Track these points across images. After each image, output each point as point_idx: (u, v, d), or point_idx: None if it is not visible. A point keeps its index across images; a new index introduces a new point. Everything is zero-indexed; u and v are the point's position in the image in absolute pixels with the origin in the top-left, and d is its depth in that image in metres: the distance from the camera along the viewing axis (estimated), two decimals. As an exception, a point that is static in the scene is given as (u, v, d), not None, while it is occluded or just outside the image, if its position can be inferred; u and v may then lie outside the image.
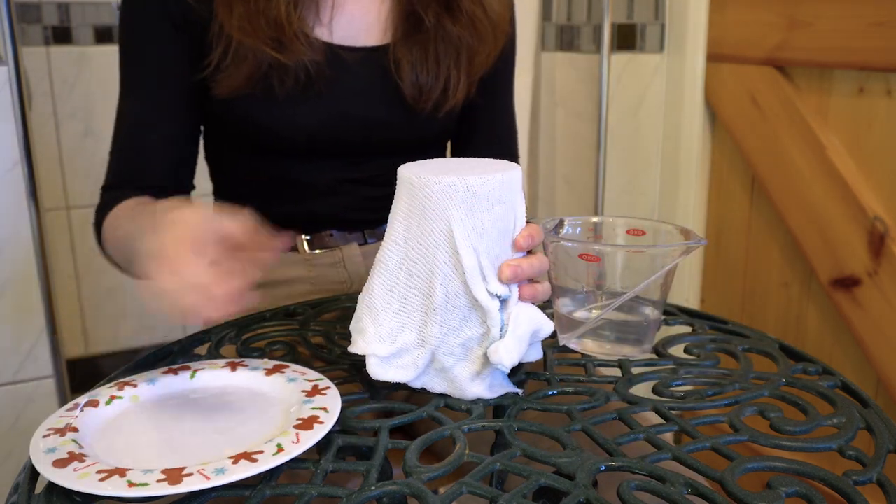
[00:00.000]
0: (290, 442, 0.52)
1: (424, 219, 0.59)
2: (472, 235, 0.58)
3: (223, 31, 0.82)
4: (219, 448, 0.53)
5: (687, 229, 0.69)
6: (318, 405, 0.57)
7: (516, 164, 0.62)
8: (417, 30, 0.87)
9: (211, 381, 0.64)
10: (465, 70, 0.89)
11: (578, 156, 1.74)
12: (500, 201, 0.59)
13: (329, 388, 0.60)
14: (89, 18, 1.73)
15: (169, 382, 0.63)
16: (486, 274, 0.59)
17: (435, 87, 0.88)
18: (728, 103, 1.53)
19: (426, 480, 0.49)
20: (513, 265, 0.60)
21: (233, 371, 0.65)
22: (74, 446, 0.53)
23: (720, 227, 1.61)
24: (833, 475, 0.49)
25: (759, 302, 1.55)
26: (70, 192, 1.79)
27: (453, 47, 0.88)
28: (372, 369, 0.60)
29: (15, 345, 1.37)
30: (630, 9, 1.62)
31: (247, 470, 0.49)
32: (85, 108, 1.74)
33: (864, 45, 1.26)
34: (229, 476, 0.48)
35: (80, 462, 0.51)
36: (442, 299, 0.59)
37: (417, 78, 0.88)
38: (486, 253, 0.59)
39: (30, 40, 1.68)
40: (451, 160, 0.64)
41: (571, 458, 0.51)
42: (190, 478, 0.48)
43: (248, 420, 0.58)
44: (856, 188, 1.31)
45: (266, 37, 0.80)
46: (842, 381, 0.65)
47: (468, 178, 0.57)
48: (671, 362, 0.68)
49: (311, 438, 0.53)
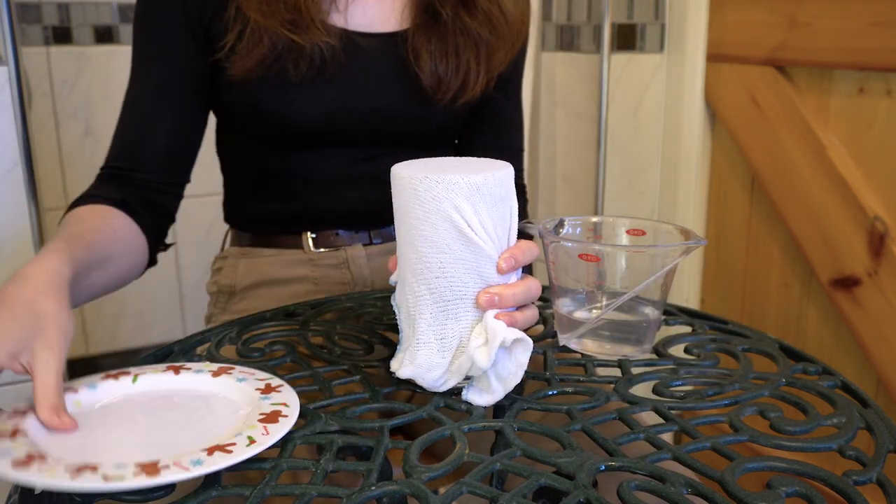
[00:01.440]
0: (260, 434, 0.52)
1: (430, 214, 0.58)
2: (481, 228, 0.58)
3: (239, 13, 0.82)
4: (185, 444, 0.52)
5: (687, 229, 0.69)
6: (277, 401, 0.57)
7: (509, 163, 0.61)
8: (435, 22, 0.88)
9: (154, 384, 0.62)
10: (485, 66, 0.89)
11: (578, 156, 1.74)
12: (502, 199, 0.59)
13: (282, 385, 0.60)
14: (89, 18, 1.73)
15: (110, 388, 0.61)
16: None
17: (454, 80, 0.88)
18: (728, 103, 1.53)
19: (426, 480, 0.49)
20: (490, 294, 0.59)
21: (176, 374, 0.63)
22: (30, 447, 0.51)
23: (720, 227, 1.61)
24: (833, 475, 0.49)
25: (759, 302, 1.55)
26: (70, 192, 1.79)
27: (472, 42, 0.88)
28: (433, 385, 0.61)
29: (15, 345, 1.37)
30: (630, 9, 1.62)
31: (223, 461, 0.48)
32: (85, 108, 1.74)
33: (864, 45, 1.26)
34: (207, 467, 0.47)
35: (43, 461, 0.48)
36: (468, 292, 0.59)
37: (437, 68, 0.87)
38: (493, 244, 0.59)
39: (30, 40, 1.68)
40: (436, 159, 0.64)
41: (571, 458, 0.51)
42: (167, 469, 0.47)
43: (205, 418, 0.57)
44: (856, 188, 1.31)
45: (283, 19, 0.81)
46: (842, 381, 0.65)
47: (471, 177, 0.57)
48: (671, 362, 0.68)
49: (280, 430, 0.52)
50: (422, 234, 0.59)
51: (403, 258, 0.61)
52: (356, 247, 0.95)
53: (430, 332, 0.60)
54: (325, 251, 0.94)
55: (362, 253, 0.95)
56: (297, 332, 0.76)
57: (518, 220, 0.62)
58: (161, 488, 0.48)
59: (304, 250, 0.94)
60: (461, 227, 0.57)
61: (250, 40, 0.82)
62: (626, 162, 1.68)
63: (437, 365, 0.60)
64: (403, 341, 0.63)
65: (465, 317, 0.60)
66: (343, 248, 0.94)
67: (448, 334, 0.60)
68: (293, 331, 0.77)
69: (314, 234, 0.94)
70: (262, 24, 0.81)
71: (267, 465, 0.51)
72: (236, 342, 0.74)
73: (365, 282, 0.95)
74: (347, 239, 0.94)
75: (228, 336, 0.75)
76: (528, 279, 0.62)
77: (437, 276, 0.59)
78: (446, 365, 0.60)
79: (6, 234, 1.34)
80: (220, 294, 0.98)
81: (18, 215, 1.33)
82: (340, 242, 0.94)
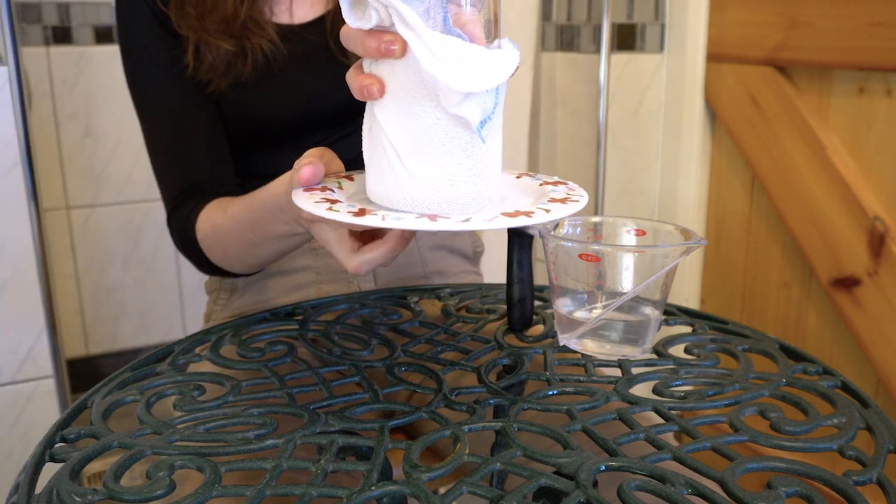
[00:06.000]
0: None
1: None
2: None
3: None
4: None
5: (687, 229, 0.69)
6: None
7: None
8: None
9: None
10: None
11: (578, 156, 1.74)
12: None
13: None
14: (89, 18, 1.73)
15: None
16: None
17: None
18: (728, 103, 1.53)
19: (426, 480, 0.49)
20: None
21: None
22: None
23: (720, 227, 1.61)
24: (833, 475, 0.49)
25: (759, 302, 1.55)
26: (70, 192, 1.79)
27: None
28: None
29: (15, 345, 1.37)
30: (630, 9, 1.62)
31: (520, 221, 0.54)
32: (85, 108, 1.74)
33: (864, 45, 1.26)
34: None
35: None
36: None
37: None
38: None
39: (30, 40, 1.68)
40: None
41: (571, 458, 0.51)
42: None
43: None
44: (856, 188, 1.31)
45: (216, 31, 0.86)
46: (842, 381, 0.65)
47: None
48: (671, 362, 0.68)
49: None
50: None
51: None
52: None
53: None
54: None
55: None
56: (296, 331, 0.76)
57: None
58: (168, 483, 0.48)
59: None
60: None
61: (197, 56, 0.87)
62: (626, 162, 1.68)
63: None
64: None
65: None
66: None
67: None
68: (293, 331, 0.77)
69: None
70: (201, 38, 0.86)
71: (267, 465, 0.51)
72: (236, 342, 0.74)
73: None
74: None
75: (228, 336, 0.75)
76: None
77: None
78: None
79: (6, 234, 1.34)
80: (221, 291, 0.98)
81: (18, 215, 1.33)
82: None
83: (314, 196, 0.59)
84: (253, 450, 0.54)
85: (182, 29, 0.86)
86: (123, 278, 1.87)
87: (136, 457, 0.53)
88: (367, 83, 0.54)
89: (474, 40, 0.52)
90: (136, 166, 1.82)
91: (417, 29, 0.50)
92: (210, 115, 0.90)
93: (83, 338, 1.86)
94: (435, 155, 0.54)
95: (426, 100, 0.53)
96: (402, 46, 0.51)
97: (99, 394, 0.64)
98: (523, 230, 0.71)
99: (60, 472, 0.52)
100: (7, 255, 1.34)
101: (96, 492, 0.49)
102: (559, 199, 0.60)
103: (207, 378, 0.66)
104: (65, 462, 0.53)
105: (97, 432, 0.58)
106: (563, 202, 0.59)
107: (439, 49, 0.50)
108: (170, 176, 0.90)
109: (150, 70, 0.89)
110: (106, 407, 0.61)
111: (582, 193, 0.63)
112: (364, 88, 0.54)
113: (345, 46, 0.55)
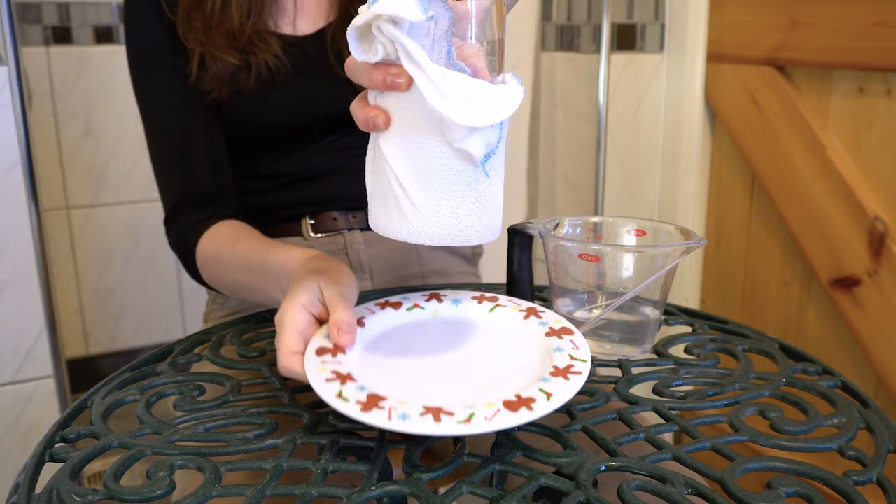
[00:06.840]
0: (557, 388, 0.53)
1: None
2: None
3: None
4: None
5: (687, 229, 0.69)
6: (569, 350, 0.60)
7: None
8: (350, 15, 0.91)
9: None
10: None
11: (578, 156, 1.74)
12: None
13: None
14: (89, 18, 1.73)
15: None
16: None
17: None
18: (728, 103, 1.53)
19: (426, 480, 0.49)
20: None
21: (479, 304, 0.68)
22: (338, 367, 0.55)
23: (720, 227, 1.61)
24: (833, 475, 0.49)
25: (759, 302, 1.55)
26: (70, 192, 1.79)
27: None
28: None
29: (15, 345, 1.37)
30: (630, 9, 1.62)
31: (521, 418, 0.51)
32: (85, 108, 1.74)
33: (864, 45, 1.26)
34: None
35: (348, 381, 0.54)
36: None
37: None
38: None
39: (30, 40, 1.68)
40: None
41: (571, 458, 0.51)
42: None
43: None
44: (856, 188, 1.31)
45: (222, 45, 0.87)
46: (842, 381, 0.65)
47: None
48: (671, 362, 0.68)
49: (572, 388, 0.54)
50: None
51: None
52: (354, 232, 0.97)
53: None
54: (323, 236, 0.96)
55: (360, 239, 0.97)
56: (297, 332, 0.76)
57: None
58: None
59: (304, 237, 0.96)
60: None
61: (201, 67, 0.88)
62: (626, 162, 1.68)
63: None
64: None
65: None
66: (342, 234, 0.96)
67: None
68: (293, 331, 0.77)
69: (312, 219, 0.96)
70: (207, 51, 0.87)
71: (267, 465, 0.51)
72: (236, 342, 0.74)
73: (363, 267, 0.97)
74: (345, 222, 0.97)
75: (228, 336, 0.75)
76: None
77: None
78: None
79: (6, 234, 1.34)
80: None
81: (18, 215, 1.33)
82: (338, 226, 0.96)
83: (325, 371, 0.56)
84: (253, 450, 0.54)
85: (189, 42, 0.87)
86: (123, 278, 1.87)
87: (136, 457, 0.53)
88: (372, 115, 0.54)
89: (478, 73, 0.52)
90: (136, 166, 1.82)
91: (423, 64, 0.50)
92: (211, 120, 0.91)
93: (83, 338, 1.86)
94: (439, 188, 0.54)
95: (431, 133, 0.53)
96: (407, 80, 0.51)
97: (99, 394, 0.64)
98: (523, 230, 0.71)
99: (60, 472, 0.52)
100: (7, 255, 1.35)
101: (96, 492, 0.49)
102: (562, 371, 0.56)
103: (207, 378, 0.66)
104: (65, 462, 0.54)
105: (97, 432, 0.58)
106: (564, 375, 0.56)
107: (444, 85, 0.50)
108: (169, 177, 0.91)
109: (155, 75, 0.90)
110: (106, 407, 0.61)
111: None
112: (370, 120, 0.54)
113: (350, 78, 0.55)
